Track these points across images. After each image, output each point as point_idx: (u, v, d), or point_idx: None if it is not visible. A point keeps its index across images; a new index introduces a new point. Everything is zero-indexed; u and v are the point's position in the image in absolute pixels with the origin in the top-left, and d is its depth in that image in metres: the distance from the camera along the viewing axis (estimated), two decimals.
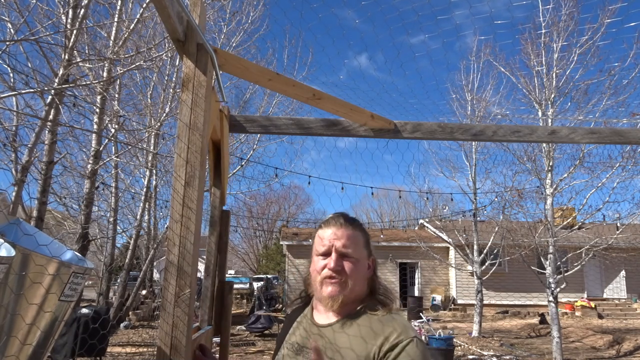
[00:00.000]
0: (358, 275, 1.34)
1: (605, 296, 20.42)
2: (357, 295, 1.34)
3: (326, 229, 1.37)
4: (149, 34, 8.31)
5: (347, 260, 1.33)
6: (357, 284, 1.34)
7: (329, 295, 1.31)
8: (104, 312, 7.99)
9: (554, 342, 9.44)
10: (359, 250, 1.36)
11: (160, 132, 11.78)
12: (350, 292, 1.32)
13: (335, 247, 1.33)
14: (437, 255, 16.28)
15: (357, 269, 1.34)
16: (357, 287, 1.34)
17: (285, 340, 1.45)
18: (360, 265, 1.35)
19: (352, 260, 1.33)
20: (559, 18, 9.85)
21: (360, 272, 1.35)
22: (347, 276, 1.31)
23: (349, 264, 1.33)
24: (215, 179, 2.41)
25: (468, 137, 2.52)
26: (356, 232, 1.37)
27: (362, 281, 1.36)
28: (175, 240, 1.50)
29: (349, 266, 1.32)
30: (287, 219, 34.16)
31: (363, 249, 1.37)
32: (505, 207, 12.38)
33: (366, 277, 1.38)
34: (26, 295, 1.61)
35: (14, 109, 6.38)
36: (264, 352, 10.09)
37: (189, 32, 1.64)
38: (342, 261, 1.32)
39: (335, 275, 1.31)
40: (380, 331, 1.24)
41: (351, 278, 1.32)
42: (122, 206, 13.63)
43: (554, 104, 9.90)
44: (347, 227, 1.36)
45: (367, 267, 1.39)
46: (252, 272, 35.45)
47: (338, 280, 1.31)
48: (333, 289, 1.31)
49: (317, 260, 1.36)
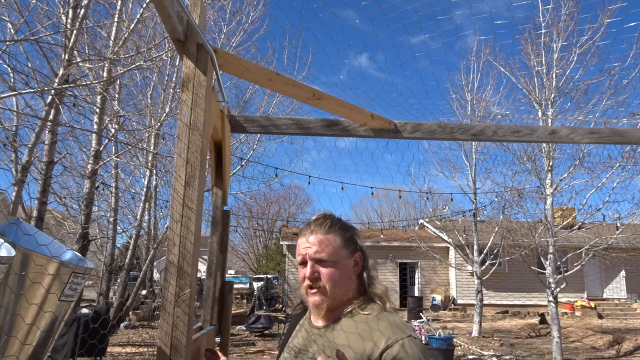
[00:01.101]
0: (337, 278, 1.31)
1: (605, 296, 20.43)
2: (342, 297, 1.33)
3: (301, 238, 1.37)
4: (149, 34, 8.31)
5: (324, 266, 1.31)
6: (338, 286, 1.31)
7: (313, 304, 1.32)
8: (104, 312, 7.99)
9: (554, 342, 9.44)
10: (336, 253, 1.32)
11: (160, 132, 11.78)
12: (333, 297, 1.30)
13: (309, 255, 1.32)
14: (437, 255, 16.28)
15: (335, 272, 1.31)
16: (339, 290, 1.31)
17: (287, 344, 1.45)
18: (339, 268, 1.32)
19: (327, 264, 1.31)
20: (559, 18, 9.85)
21: (340, 274, 1.32)
22: (325, 282, 1.30)
23: (325, 269, 1.31)
24: (217, 179, 2.41)
25: (468, 137, 2.52)
26: (329, 234, 1.34)
27: (344, 283, 1.33)
28: (175, 240, 1.50)
29: (326, 271, 1.30)
30: (287, 219, 34.18)
31: (341, 250, 1.34)
32: (505, 207, 12.39)
33: (350, 276, 1.35)
34: (26, 295, 1.61)
35: (14, 109, 6.38)
36: (264, 352, 10.09)
37: (189, 32, 1.64)
38: (318, 267, 1.31)
39: (313, 285, 1.31)
40: (368, 335, 1.22)
41: (329, 283, 1.30)
42: (122, 206, 13.63)
43: (554, 104, 9.90)
44: (319, 231, 1.34)
45: (354, 264, 1.36)
46: (252, 272, 35.45)
47: (317, 289, 1.30)
48: (315, 298, 1.31)
49: (299, 270, 1.36)
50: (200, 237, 1.69)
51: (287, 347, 1.43)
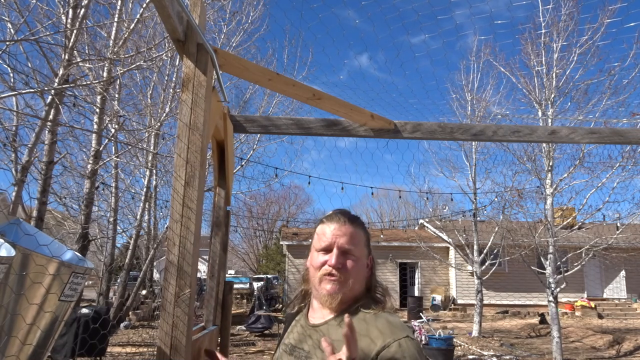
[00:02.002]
0: (358, 274, 1.33)
1: (605, 296, 20.43)
2: (355, 294, 1.33)
3: (329, 225, 1.35)
4: (149, 34, 8.31)
5: (349, 258, 1.31)
6: (357, 282, 1.33)
7: (328, 292, 1.29)
8: (104, 312, 7.99)
9: (554, 342, 9.44)
10: (360, 249, 1.34)
11: (160, 132, 11.77)
12: (350, 290, 1.31)
13: (338, 244, 1.31)
14: (437, 255, 16.28)
15: (358, 267, 1.33)
16: (357, 286, 1.33)
17: (282, 341, 1.45)
18: (360, 264, 1.34)
19: (353, 259, 1.32)
20: (559, 18, 9.85)
21: (360, 270, 1.34)
22: (348, 274, 1.30)
23: (350, 262, 1.31)
24: (220, 179, 2.39)
25: (468, 137, 2.52)
26: (358, 230, 1.36)
27: (361, 280, 1.35)
28: (175, 240, 1.50)
29: (351, 264, 1.31)
30: (287, 219, 34.17)
31: (364, 248, 1.36)
32: (505, 207, 12.39)
33: (365, 276, 1.37)
34: (26, 295, 1.61)
35: (14, 109, 6.38)
36: (264, 352, 10.09)
37: (189, 32, 1.64)
38: (344, 259, 1.31)
39: (335, 273, 1.29)
40: (365, 332, 1.22)
41: (352, 276, 1.30)
42: (122, 206, 13.62)
43: (554, 104, 9.90)
44: (350, 224, 1.35)
45: (366, 266, 1.38)
46: (252, 272, 35.44)
47: (338, 278, 1.29)
48: (332, 286, 1.29)
49: (317, 256, 1.34)
50: (200, 237, 1.69)
51: (282, 344, 1.43)
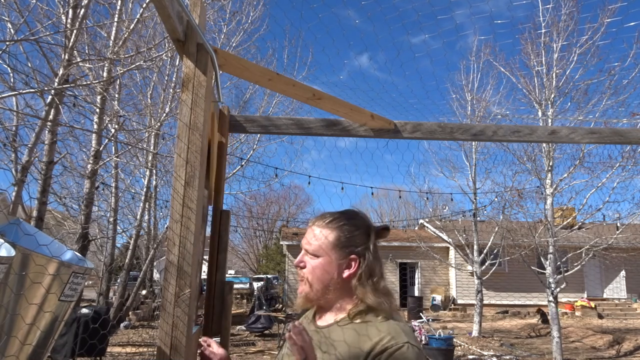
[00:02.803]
0: (317, 273, 1.29)
1: (605, 296, 20.43)
2: (325, 296, 1.30)
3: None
4: (149, 34, 8.31)
5: (310, 258, 1.31)
6: (319, 282, 1.29)
7: (298, 293, 1.35)
8: (104, 312, 7.99)
9: (554, 342, 9.44)
10: (321, 249, 1.29)
11: (160, 132, 11.77)
12: (315, 291, 1.29)
13: (302, 244, 1.35)
14: (437, 255, 16.28)
15: (317, 267, 1.29)
16: (319, 286, 1.29)
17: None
18: (322, 264, 1.28)
19: (311, 257, 1.31)
20: (559, 18, 9.85)
21: (320, 270, 1.28)
22: (307, 273, 1.31)
23: (310, 261, 1.31)
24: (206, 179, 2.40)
25: (468, 137, 2.52)
26: (325, 229, 1.31)
27: (324, 280, 1.29)
28: (175, 240, 1.50)
29: (308, 263, 1.31)
30: (287, 219, 34.17)
31: (330, 247, 1.29)
32: (505, 207, 12.39)
33: (332, 277, 1.28)
34: (26, 295, 1.61)
35: (14, 109, 6.38)
36: (264, 352, 10.09)
37: (189, 32, 1.64)
38: (306, 258, 1.32)
39: (299, 272, 1.34)
40: (364, 333, 1.21)
41: (309, 274, 1.30)
42: (122, 206, 13.62)
43: (554, 104, 9.90)
44: (316, 224, 1.34)
45: (345, 266, 1.29)
46: (252, 272, 35.43)
47: (302, 279, 1.32)
48: (300, 287, 1.33)
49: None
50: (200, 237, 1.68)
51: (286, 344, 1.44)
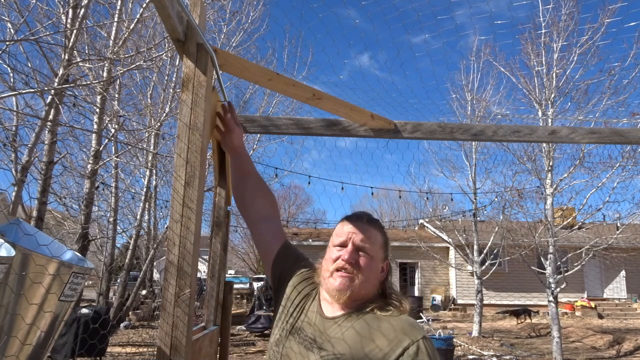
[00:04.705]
0: (370, 272, 1.33)
1: (605, 296, 20.42)
2: (366, 294, 1.33)
3: (348, 223, 1.39)
4: (149, 34, 8.31)
5: (362, 255, 1.33)
6: (368, 281, 1.32)
7: (337, 288, 1.30)
8: (104, 312, 7.98)
9: (554, 342, 9.44)
10: (375, 249, 1.36)
11: (160, 132, 11.77)
12: (360, 287, 1.30)
13: (353, 240, 1.34)
14: (437, 255, 16.28)
15: (370, 265, 1.33)
16: (368, 285, 1.33)
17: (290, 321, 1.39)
18: (374, 264, 1.34)
19: (366, 256, 1.33)
20: (559, 18, 9.85)
21: (372, 270, 1.34)
22: (359, 270, 1.31)
23: (363, 259, 1.33)
24: (220, 179, 2.39)
25: (468, 137, 2.52)
26: (376, 231, 1.38)
27: (373, 280, 1.35)
28: (175, 240, 1.50)
29: (363, 261, 1.32)
30: (287, 219, 34.15)
31: (379, 249, 1.37)
32: (505, 207, 12.39)
33: (378, 278, 1.37)
34: (26, 295, 1.61)
35: (14, 109, 6.37)
36: (264, 352, 10.09)
37: (189, 32, 1.64)
38: (357, 255, 1.33)
39: (347, 267, 1.31)
40: (387, 332, 1.23)
41: (362, 273, 1.31)
42: (122, 206, 13.61)
43: (554, 104, 9.90)
44: (368, 224, 1.38)
45: (381, 269, 1.38)
46: (252, 272, 35.41)
47: (348, 274, 1.30)
48: (342, 281, 1.30)
49: (333, 251, 1.37)
50: (200, 237, 1.68)
51: (294, 329, 1.37)
